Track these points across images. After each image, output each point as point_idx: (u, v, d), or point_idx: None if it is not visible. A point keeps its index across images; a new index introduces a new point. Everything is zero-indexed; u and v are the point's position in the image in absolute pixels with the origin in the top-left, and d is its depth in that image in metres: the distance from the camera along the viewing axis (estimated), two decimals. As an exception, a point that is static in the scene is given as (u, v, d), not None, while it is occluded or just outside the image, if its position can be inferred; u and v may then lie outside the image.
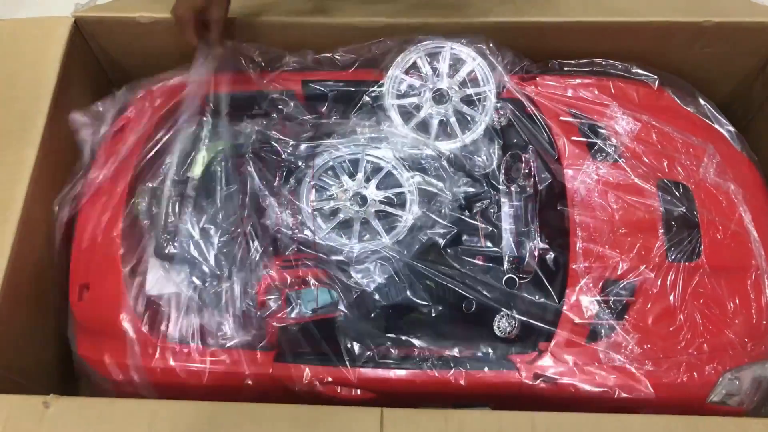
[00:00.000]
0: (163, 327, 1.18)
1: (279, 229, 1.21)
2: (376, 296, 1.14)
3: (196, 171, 1.26)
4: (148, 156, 1.27)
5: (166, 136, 1.30)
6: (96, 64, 1.45)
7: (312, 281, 1.15)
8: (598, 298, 1.15)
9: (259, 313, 1.14)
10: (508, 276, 1.17)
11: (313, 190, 1.21)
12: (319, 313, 1.11)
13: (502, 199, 1.24)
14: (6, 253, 1.11)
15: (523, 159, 1.25)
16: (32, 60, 1.28)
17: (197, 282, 1.20)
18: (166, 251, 1.20)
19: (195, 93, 1.29)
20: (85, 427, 0.99)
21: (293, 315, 1.10)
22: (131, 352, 1.13)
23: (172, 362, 1.12)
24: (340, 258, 1.17)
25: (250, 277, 1.17)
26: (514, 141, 1.29)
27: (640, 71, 1.35)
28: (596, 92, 1.32)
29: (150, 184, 1.24)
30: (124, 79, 1.50)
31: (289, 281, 1.15)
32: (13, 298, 1.12)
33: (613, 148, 1.26)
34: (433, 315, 1.16)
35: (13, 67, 1.28)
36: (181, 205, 1.21)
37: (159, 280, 1.21)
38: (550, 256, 1.18)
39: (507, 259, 1.19)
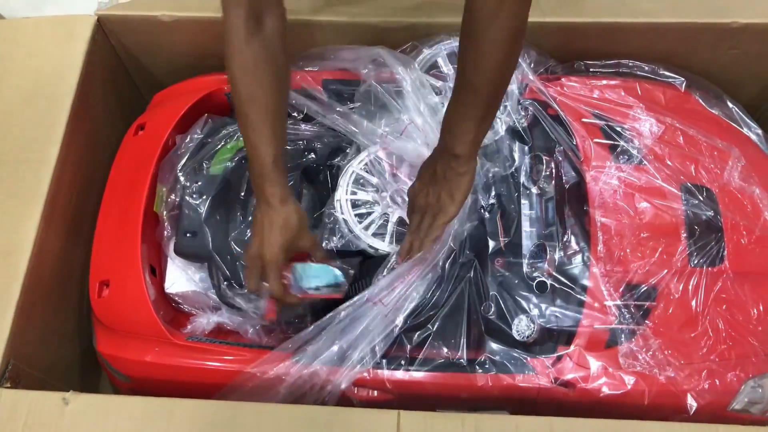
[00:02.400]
0: (182, 325, 1.20)
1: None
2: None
3: (218, 169, 1.26)
4: (169, 154, 1.28)
5: (188, 135, 1.31)
6: (118, 62, 1.46)
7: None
8: (619, 302, 1.13)
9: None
10: (539, 280, 1.16)
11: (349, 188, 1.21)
12: (323, 292, 1.07)
13: (523, 201, 1.23)
14: (28, 249, 1.12)
15: (545, 160, 1.24)
16: (55, 58, 1.29)
17: (217, 280, 1.20)
18: (187, 249, 1.20)
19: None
20: (103, 423, 0.99)
21: (295, 290, 1.06)
22: (150, 349, 1.14)
23: (191, 360, 1.13)
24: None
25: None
26: (537, 142, 1.27)
27: (667, 73, 1.33)
28: (622, 93, 1.31)
29: (171, 182, 1.24)
30: (145, 78, 1.52)
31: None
32: (34, 295, 1.13)
33: (637, 151, 1.24)
34: (451, 317, 1.15)
35: (36, 65, 1.29)
36: (201, 203, 1.21)
37: (179, 278, 1.22)
38: (571, 258, 1.17)
39: (527, 261, 1.19)
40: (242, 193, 1.22)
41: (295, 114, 1.31)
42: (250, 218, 1.20)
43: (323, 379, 1.08)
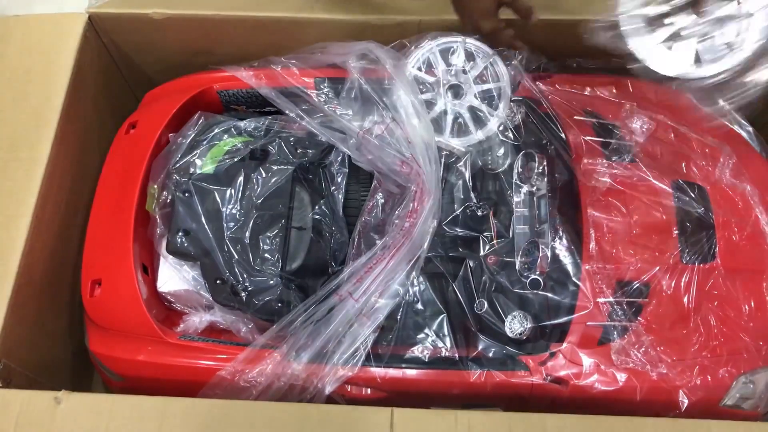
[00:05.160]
0: (174, 324, 1.19)
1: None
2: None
3: (211, 167, 1.26)
4: (161, 152, 1.27)
5: (181, 132, 1.31)
6: (109, 60, 1.45)
7: None
8: (611, 299, 1.14)
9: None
10: (531, 278, 1.16)
11: None
12: None
13: (516, 198, 1.23)
14: (19, 248, 1.12)
15: (537, 158, 1.24)
16: (46, 56, 1.29)
17: (209, 279, 1.20)
18: (179, 248, 1.20)
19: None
20: (96, 422, 0.99)
21: None
22: (143, 348, 1.14)
23: (183, 359, 1.13)
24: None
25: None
26: (529, 139, 1.28)
27: (658, 70, 1.33)
28: (614, 91, 1.31)
29: (163, 180, 1.24)
30: (137, 76, 1.51)
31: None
32: (26, 294, 1.13)
33: (628, 148, 1.25)
34: (444, 314, 1.15)
35: (27, 63, 1.28)
36: (194, 201, 1.21)
37: (171, 277, 1.21)
38: (563, 256, 1.17)
39: (520, 258, 1.19)
40: (235, 191, 1.22)
41: (287, 112, 1.30)
42: (243, 217, 1.20)
43: (303, 378, 1.08)
